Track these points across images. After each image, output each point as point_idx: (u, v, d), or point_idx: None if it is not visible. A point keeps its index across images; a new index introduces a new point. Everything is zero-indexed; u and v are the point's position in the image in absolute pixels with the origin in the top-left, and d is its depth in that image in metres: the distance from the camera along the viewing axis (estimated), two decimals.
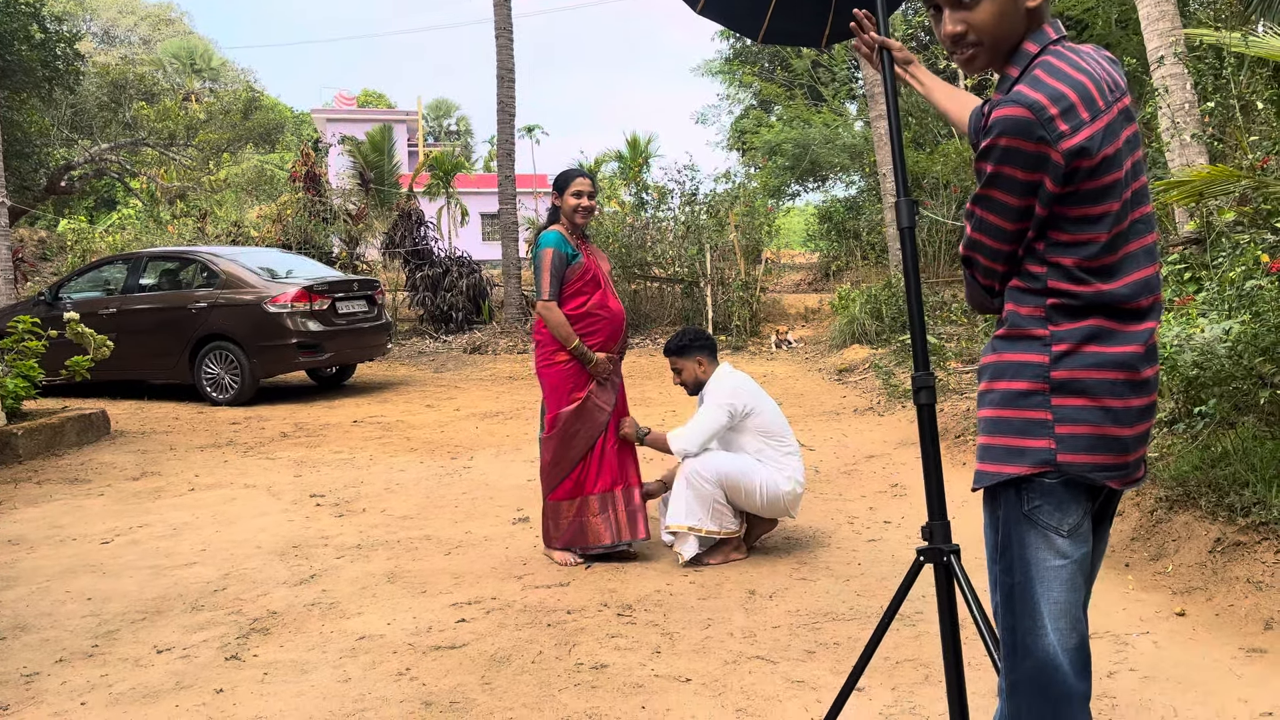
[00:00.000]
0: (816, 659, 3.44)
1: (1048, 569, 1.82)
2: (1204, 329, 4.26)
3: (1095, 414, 1.79)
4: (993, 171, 1.77)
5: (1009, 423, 1.84)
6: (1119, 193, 1.78)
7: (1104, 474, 1.81)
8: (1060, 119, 1.71)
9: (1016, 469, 1.82)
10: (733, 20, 3.44)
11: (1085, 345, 1.78)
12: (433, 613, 4.01)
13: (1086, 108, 1.73)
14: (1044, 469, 1.80)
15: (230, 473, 6.83)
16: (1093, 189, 1.75)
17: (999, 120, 1.74)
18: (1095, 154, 1.73)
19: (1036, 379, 1.81)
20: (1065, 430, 1.79)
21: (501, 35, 16.35)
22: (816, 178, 21.21)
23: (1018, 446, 1.82)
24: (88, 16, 40.09)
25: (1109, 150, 1.75)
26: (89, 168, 23.50)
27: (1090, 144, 1.73)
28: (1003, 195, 1.78)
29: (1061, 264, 1.79)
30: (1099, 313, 1.79)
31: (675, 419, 8.30)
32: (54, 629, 3.91)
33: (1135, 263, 1.81)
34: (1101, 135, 1.74)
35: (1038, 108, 1.71)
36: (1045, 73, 1.75)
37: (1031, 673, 1.83)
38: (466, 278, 16.28)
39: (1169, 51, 6.85)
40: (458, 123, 59.35)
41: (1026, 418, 1.82)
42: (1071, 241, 1.78)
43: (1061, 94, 1.73)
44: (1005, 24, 1.85)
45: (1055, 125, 1.71)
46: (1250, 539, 3.87)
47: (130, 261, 10.99)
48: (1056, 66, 1.77)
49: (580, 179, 4.64)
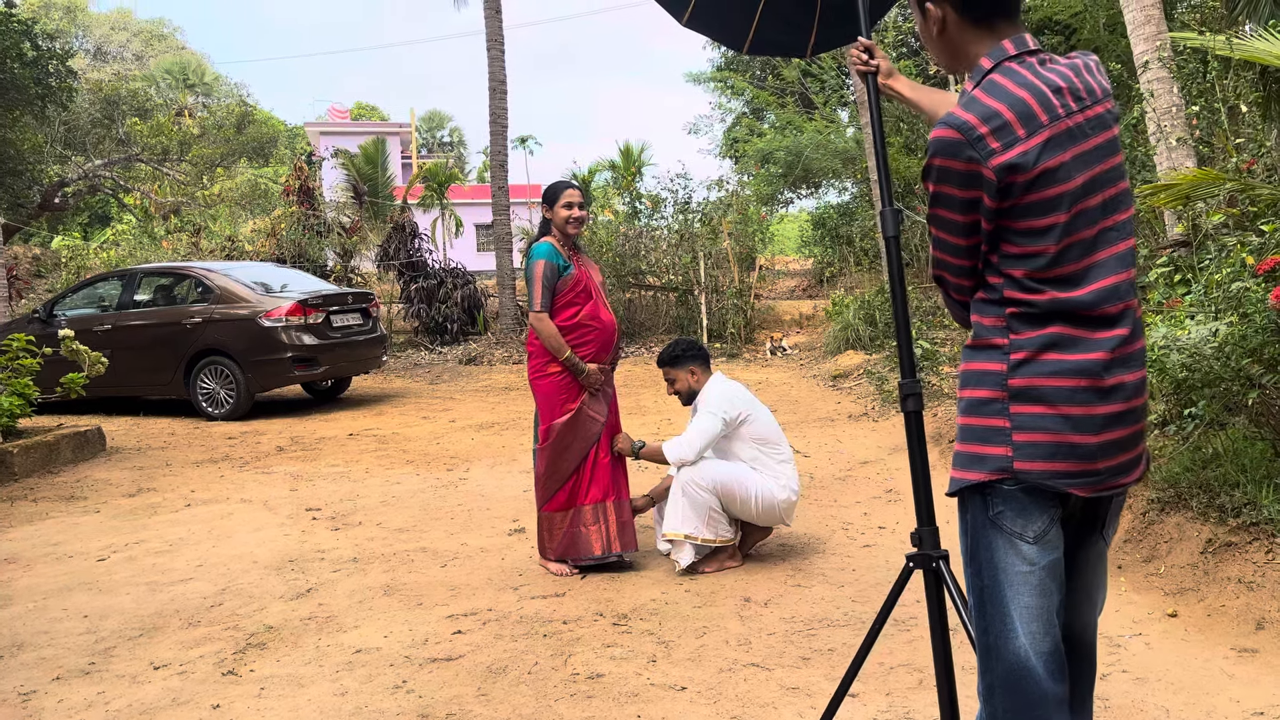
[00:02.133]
0: (811, 665, 3.46)
1: (1016, 574, 1.85)
2: (1191, 331, 4.29)
3: (1053, 421, 1.80)
4: (934, 191, 1.86)
5: (972, 430, 1.88)
6: (1066, 205, 1.80)
7: (1065, 481, 1.82)
8: (991, 136, 1.77)
9: (976, 475, 1.86)
10: (718, 32, 3.46)
11: (1044, 353, 1.81)
12: (429, 625, 4.02)
13: (1023, 124, 1.78)
14: (1001, 476, 1.83)
15: (226, 488, 6.84)
16: (1035, 202, 1.79)
17: (932, 141, 1.83)
18: (1031, 168, 1.77)
19: (995, 387, 1.85)
20: (1022, 438, 1.81)
21: (493, 47, 16.41)
22: (809, 184, 21.23)
23: (978, 453, 1.86)
24: (80, 33, 40.13)
25: (1049, 163, 1.78)
26: (83, 184, 23.52)
27: (1024, 160, 1.77)
28: (947, 213, 1.87)
29: (1013, 275, 1.84)
30: (1060, 320, 1.81)
31: (671, 427, 8.32)
32: (51, 647, 3.92)
33: (1104, 270, 1.83)
34: (1039, 150, 1.78)
35: (966, 128, 1.79)
36: (984, 91, 1.83)
37: (1005, 675, 1.85)
38: (461, 289, 16.31)
39: (1154, 56, 6.90)
40: (451, 134, 59.43)
41: (987, 425, 1.85)
42: (1021, 254, 1.82)
43: (995, 112, 1.79)
44: (928, 45, 2.03)
45: (985, 143, 1.77)
46: (1241, 539, 3.89)
47: (124, 278, 10.99)
48: (998, 84, 1.83)
49: (570, 190, 4.66)
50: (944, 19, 1.95)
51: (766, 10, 3.14)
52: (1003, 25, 1.92)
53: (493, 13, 16.46)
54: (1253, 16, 7.52)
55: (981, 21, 1.92)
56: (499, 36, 16.48)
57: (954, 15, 1.94)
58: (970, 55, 1.95)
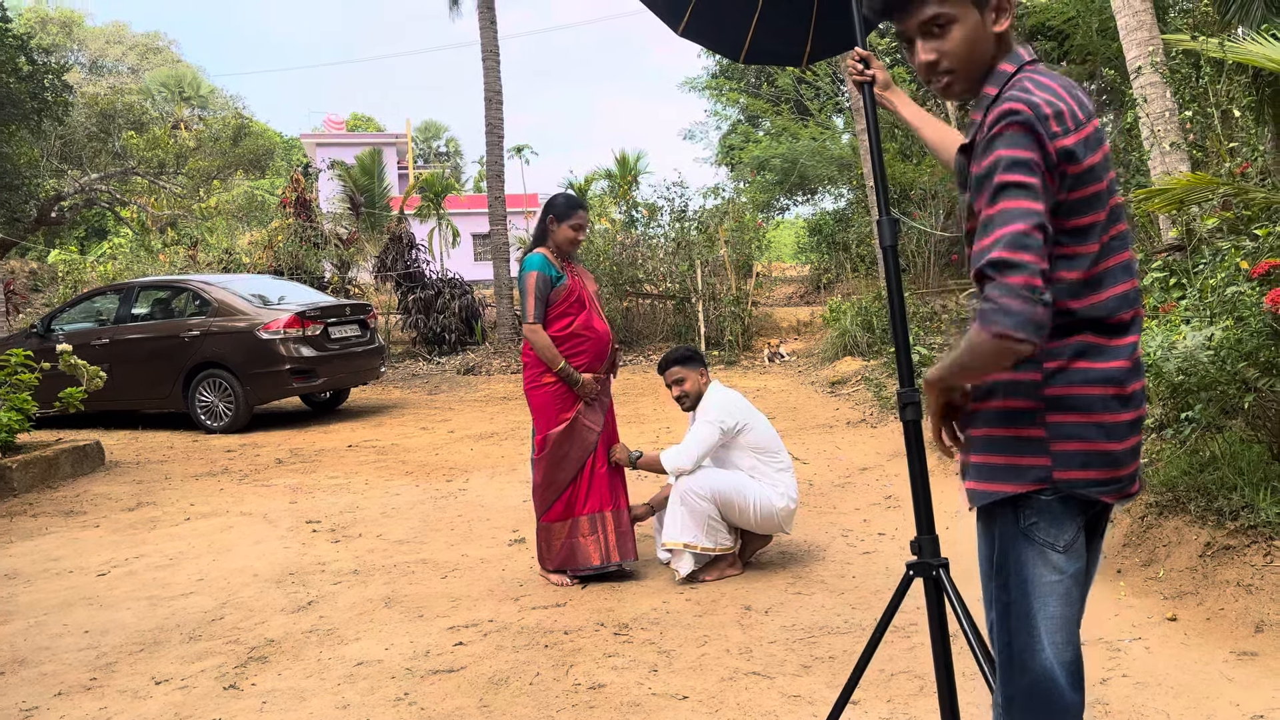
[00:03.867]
0: (812, 673, 3.46)
1: (1045, 585, 1.84)
2: (1187, 335, 4.31)
3: (1089, 430, 1.81)
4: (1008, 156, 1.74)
5: (1003, 441, 1.86)
6: (1103, 203, 1.82)
7: (1099, 489, 1.83)
8: (1054, 120, 1.77)
9: (1014, 487, 1.83)
10: (714, 42, 3.49)
11: (1075, 361, 1.81)
12: (430, 636, 4.02)
13: (1070, 119, 1.80)
14: (1041, 486, 1.82)
15: (226, 501, 6.84)
16: (1081, 199, 1.79)
17: (1005, 111, 1.77)
18: (1081, 160, 1.78)
19: (1030, 396, 1.83)
20: (1060, 447, 1.81)
21: (489, 58, 16.45)
22: (805, 191, 21.30)
23: (1014, 465, 1.84)
24: (75, 47, 40.16)
25: (1093, 159, 1.80)
26: (79, 198, 23.52)
27: (1077, 149, 1.78)
28: (1023, 177, 1.73)
29: (1065, 278, 1.80)
30: (1086, 328, 1.82)
31: (669, 435, 8.33)
32: (52, 663, 3.91)
33: (1114, 278, 1.85)
34: (1084, 144, 1.80)
35: (1035, 105, 1.77)
36: (1032, 85, 1.81)
37: (1029, 688, 1.86)
38: (458, 299, 16.32)
39: (1147, 61, 6.93)
40: (447, 144, 59.51)
41: (1021, 436, 1.84)
42: (1071, 254, 1.80)
43: (1051, 101, 1.79)
44: (976, 50, 1.90)
45: (1050, 124, 1.76)
46: (1239, 543, 3.90)
47: (122, 291, 11.00)
48: (1040, 81, 1.83)
49: (582, 211, 4.68)
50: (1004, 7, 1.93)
51: (762, 20, 3.16)
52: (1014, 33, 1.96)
53: (488, 24, 16.52)
54: (1245, 20, 7.55)
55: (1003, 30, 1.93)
56: (494, 47, 16.53)
57: None
58: (990, 61, 1.95)
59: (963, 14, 1.88)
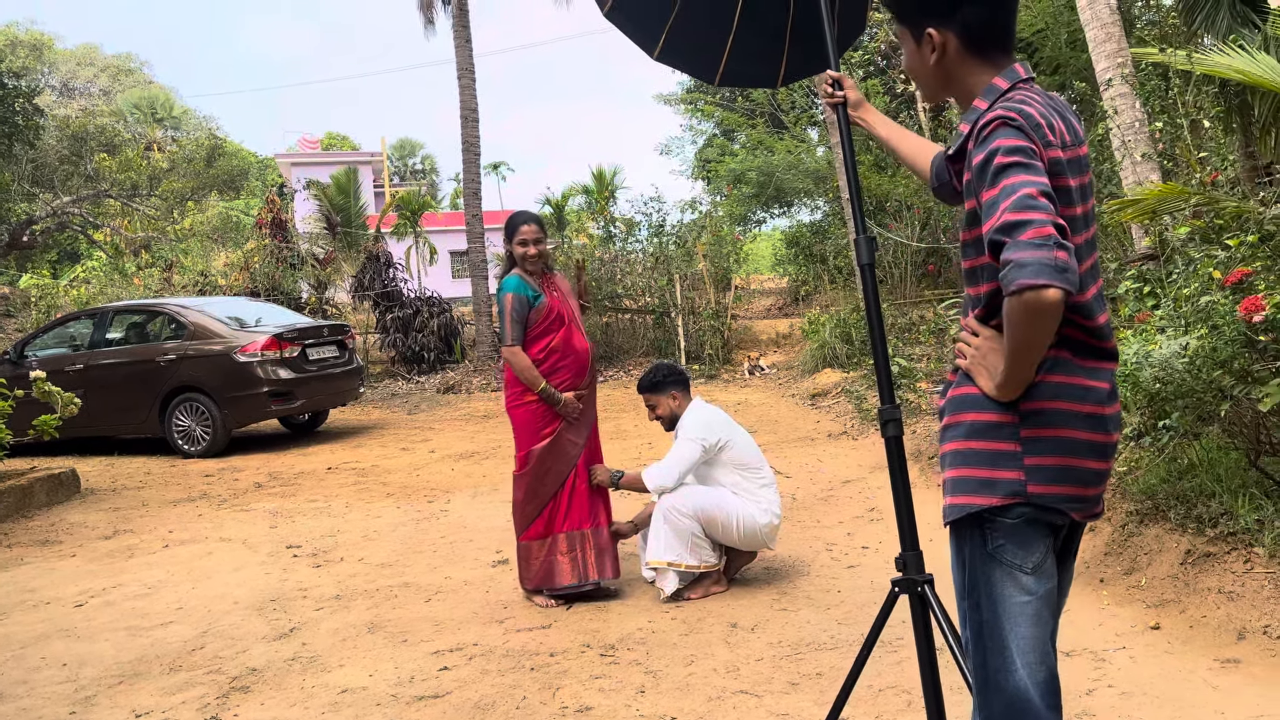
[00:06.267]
0: (800, 690, 3.46)
1: (1014, 605, 1.85)
2: (1162, 344, 4.35)
3: (1062, 445, 1.82)
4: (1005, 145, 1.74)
5: (976, 454, 1.87)
6: (1078, 229, 1.84)
7: (1070, 505, 1.85)
8: (1047, 130, 1.79)
9: (986, 500, 1.84)
10: (689, 64, 3.50)
11: (1050, 375, 1.82)
12: (415, 662, 3.98)
13: (1058, 136, 1.82)
14: (1014, 500, 1.82)
15: (205, 527, 6.76)
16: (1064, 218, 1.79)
17: (997, 117, 1.79)
18: (1063, 176, 1.80)
19: (1006, 411, 1.84)
20: (1033, 462, 1.82)
21: (464, 76, 16.46)
22: (782, 203, 21.39)
23: (987, 478, 1.84)
24: (46, 70, 39.88)
25: (1071, 181, 1.82)
26: (51, 221, 23.32)
27: (1064, 166, 1.80)
28: (1022, 158, 1.73)
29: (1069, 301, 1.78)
30: (1065, 346, 1.83)
31: (652, 451, 8.32)
32: (30, 697, 3.85)
33: (1100, 304, 1.87)
34: (1069, 165, 1.82)
35: (1027, 115, 1.79)
36: (1020, 102, 1.83)
37: (1004, 709, 1.86)
38: (437, 317, 16.26)
39: (1117, 73, 7.02)
40: (423, 162, 59.43)
41: (995, 449, 1.84)
42: None
43: (1044, 114, 1.81)
44: (918, 73, 2.04)
45: (1044, 132, 1.79)
46: (1220, 549, 3.93)
47: (96, 316, 10.89)
48: (1030, 98, 1.85)
49: (524, 226, 4.62)
50: (944, 46, 1.96)
51: (736, 42, 3.18)
52: (1000, 56, 1.96)
53: (463, 42, 16.53)
54: (1211, 31, 7.66)
55: (981, 52, 1.95)
56: (469, 65, 16.54)
57: (955, 44, 1.95)
58: (964, 85, 1.98)
59: (904, 40, 2.04)
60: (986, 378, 1.85)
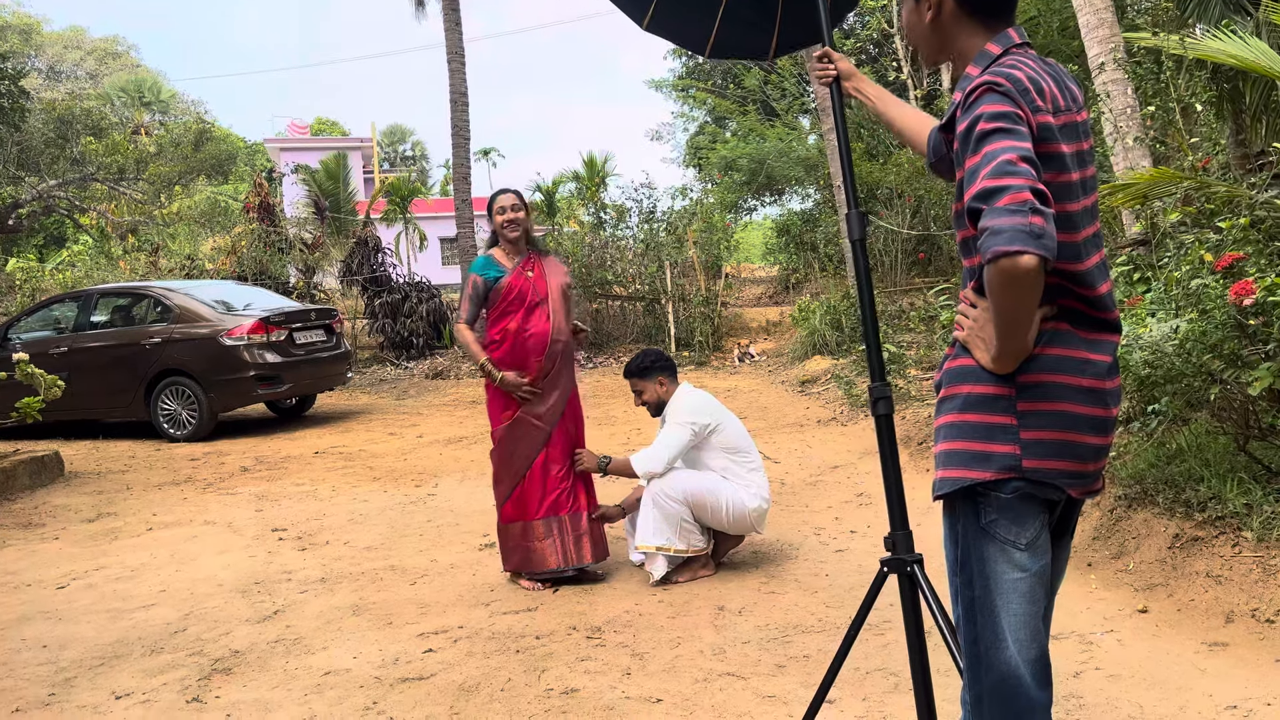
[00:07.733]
0: (787, 673, 3.43)
1: (1007, 582, 1.82)
2: (1152, 328, 4.33)
3: (1059, 419, 1.79)
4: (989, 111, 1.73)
5: (971, 426, 1.83)
6: (1076, 197, 1.80)
7: (1066, 481, 1.81)
8: (1035, 94, 1.76)
9: (980, 474, 1.80)
10: (679, 36, 3.45)
11: (1049, 348, 1.79)
12: (399, 644, 3.95)
13: (1051, 100, 1.79)
14: (1009, 474, 1.78)
15: (189, 510, 6.71)
16: (1054, 184, 1.76)
17: (983, 82, 1.77)
18: (1056, 143, 1.77)
19: (1002, 383, 1.80)
20: (1030, 436, 1.78)
21: (454, 60, 16.35)
22: (773, 191, 21.36)
23: (982, 451, 1.81)
24: (33, 53, 39.51)
25: (1065, 148, 1.79)
26: (37, 205, 23.10)
27: (1055, 131, 1.77)
28: (1005, 124, 1.71)
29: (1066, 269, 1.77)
30: (1065, 317, 1.80)
31: (640, 437, 8.29)
32: (9, 678, 3.80)
33: (1102, 274, 1.84)
34: (1062, 130, 1.78)
35: (1014, 80, 1.76)
36: (1010, 66, 1.81)
37: (995, 685, 1.83)
38: (426, 303, 16.19)
39: (1109, 58, 6.99)
40: (413, 147, 59.19)
41: (991, 422, 1.81)
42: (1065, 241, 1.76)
43: (1033, 79, 1.78)
44: (914, 31, 2.02)
45: (1031, 97, 1.75)
46: (1208, 534, 3.93)
47: (81, 299, 10.79)
48: (1021, 62, 1.82)
49: (503, 195, 4.74)
50: (940, 5, 1.94)
51: (727, 13, 3.13)
52: (995, 22, 1.93)
53: (453, 25, 16.42)
54: (1203, 17, 7.64)
55: (977, 14, 1.93)
56: (459, 49, 16.43)
57: (951, 4, 1.93)
58: (958, 47, 1.96)
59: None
60: (983, 350, 1.82)
